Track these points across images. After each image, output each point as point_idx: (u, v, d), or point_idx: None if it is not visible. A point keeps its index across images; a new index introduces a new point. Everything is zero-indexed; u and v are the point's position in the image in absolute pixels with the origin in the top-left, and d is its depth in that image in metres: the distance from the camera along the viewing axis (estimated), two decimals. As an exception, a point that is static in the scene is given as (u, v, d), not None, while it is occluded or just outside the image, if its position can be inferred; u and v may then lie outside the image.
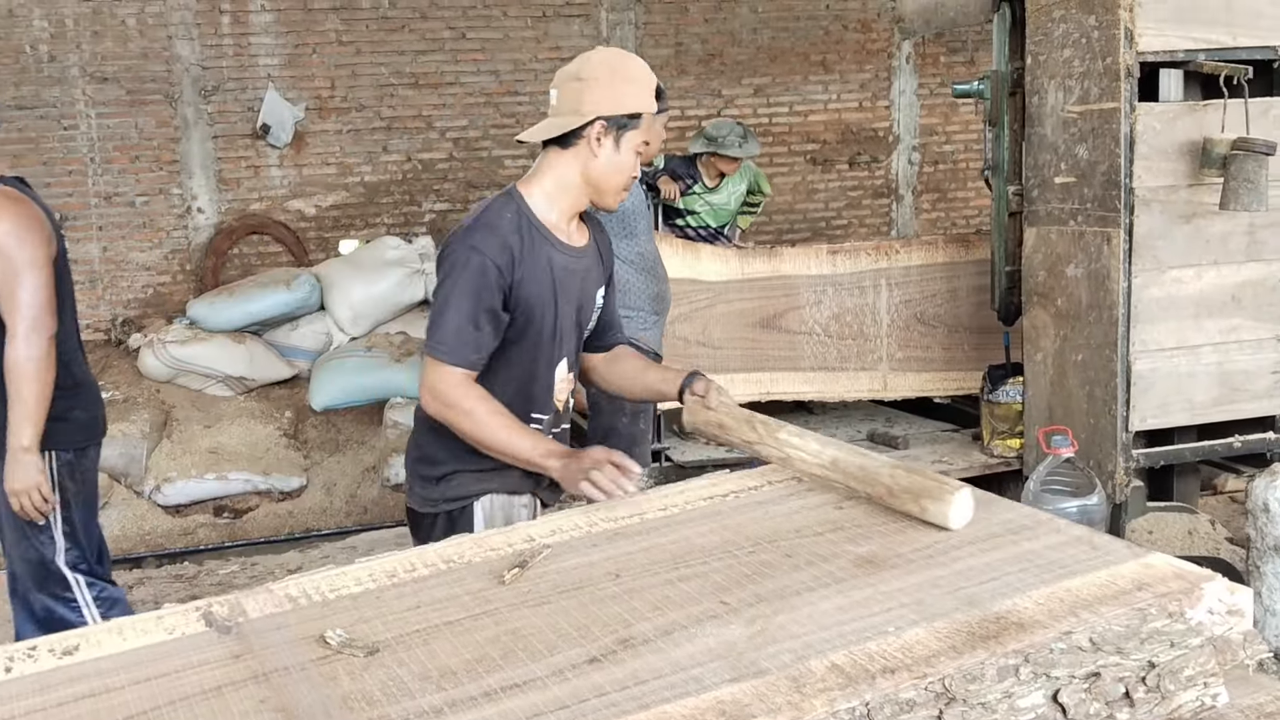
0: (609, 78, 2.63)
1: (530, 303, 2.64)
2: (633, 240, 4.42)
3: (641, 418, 4.44)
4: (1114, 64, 5.01)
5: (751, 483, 2.32)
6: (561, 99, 2.65)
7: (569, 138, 2.64)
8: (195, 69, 9.00)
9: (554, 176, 2.69)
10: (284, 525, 7.35)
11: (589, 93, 2.61)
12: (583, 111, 2.61)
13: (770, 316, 6.43)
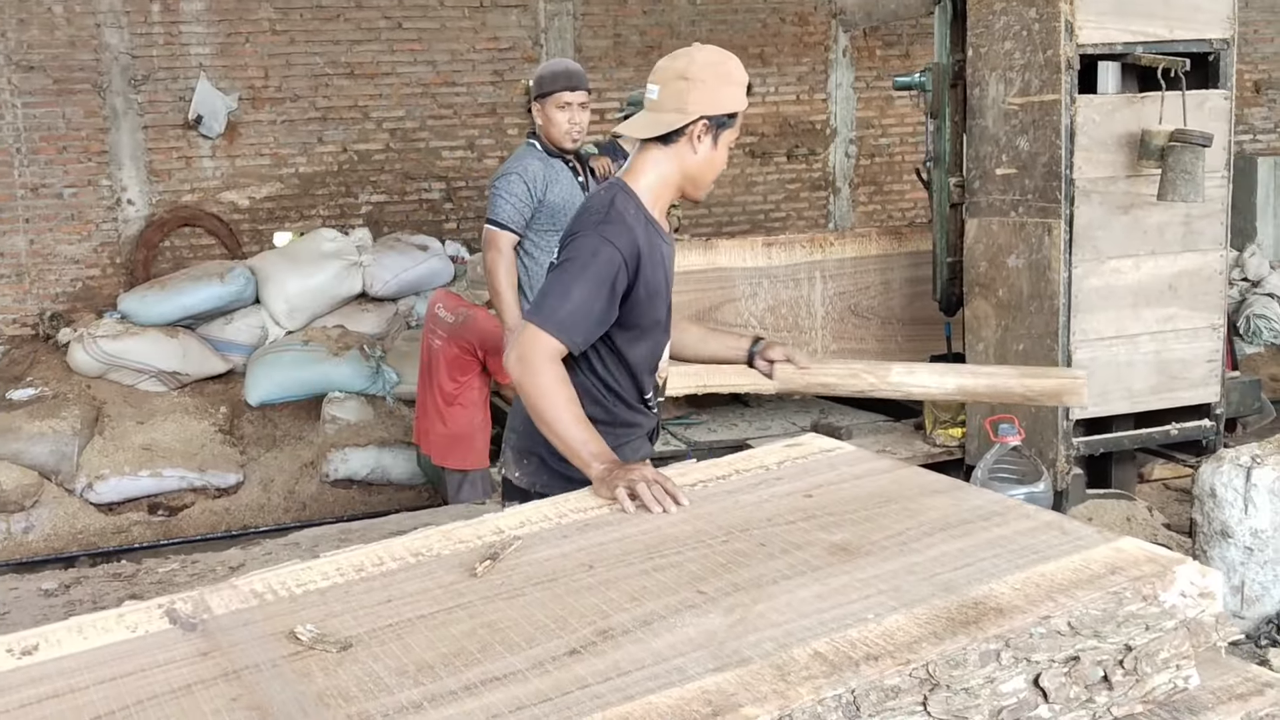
0: (713, 79, 2.73)
1: (651, 293, 2.75)
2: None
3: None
4: (1054, 56, 5.07)
5: (719, 472, 2.31)
6: (664, 96, 2.74)
7: (671, 135, 2.73)
8: (124, 58, 8.81)
9: (657, 172, 2.77)
10: (220, 522, 7.24)
11: (694, 92, 2.71)
12: (687, 111, 2.70)
13: (706, 309, 6.42)
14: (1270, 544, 3.43)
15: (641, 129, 2.78)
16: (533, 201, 4.30)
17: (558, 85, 4.38)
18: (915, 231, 6.91)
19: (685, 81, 2.72)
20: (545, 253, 4.37)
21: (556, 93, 4.37)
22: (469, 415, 5.79)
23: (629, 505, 2.21)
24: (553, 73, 4.42)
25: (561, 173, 4.39)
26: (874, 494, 2.16)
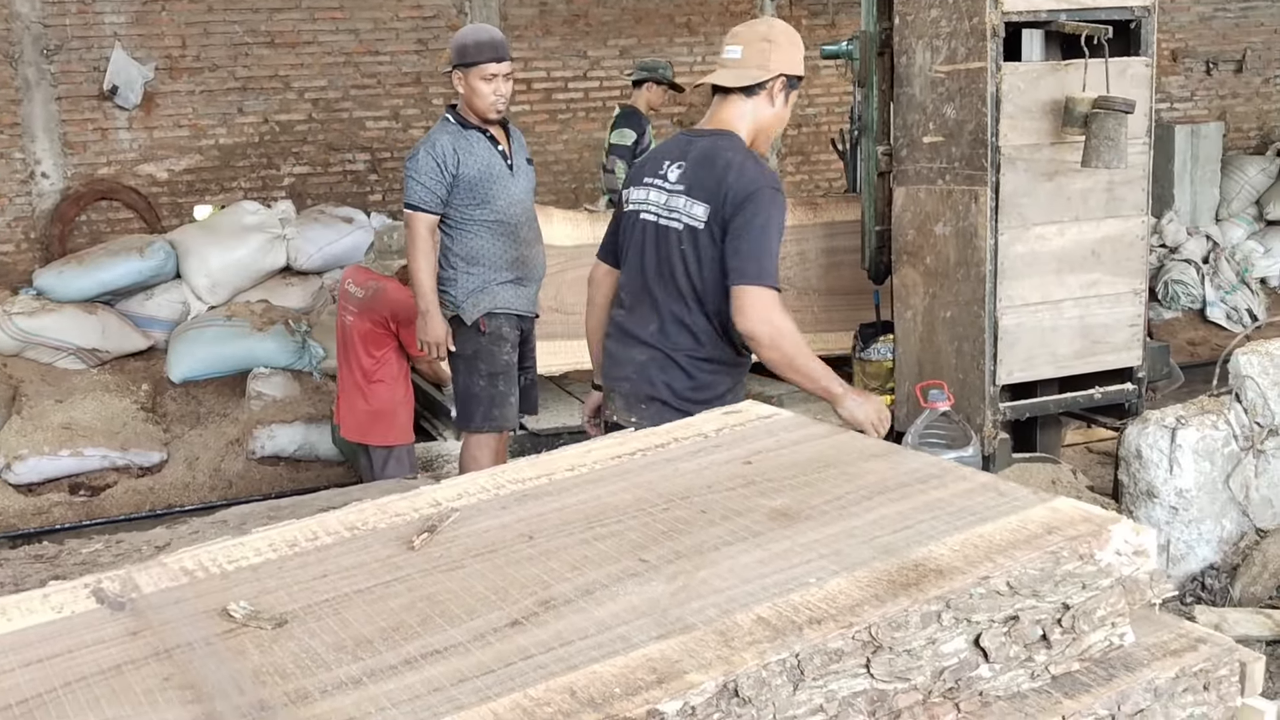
0: (789, 43, 3.22)
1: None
2: (486, 207, 4.33)
3: (500, 379, 4.39)
4: (980, 24, 5.10)
5: (658, 440, 2.30)
6: (748, 55, 3.12)
7: (754, 88, 3.14)
8: (36, 27, 8.55)
9: (750, 120, 3.17)
10: (145, 502, 7.10)
11: (776, 53, 3.14)
12: (770, 68, 3.13)
13: None
14: (1194, 503, 3.50)
15: (733, 79, 3.12)
16: (445, 178, 4.23)
17: (483, 55, 4.27)
18: (830, 202, 6.95)
19: (768, 43, 3.12)
20: (471, 226, 4.30)
21: (482, 63, 4.27)
22: (390, 390, 5.73)
23: (878, 433, 2.93)
24: (477, 42, 4.31)
25: (477, 144, 4.32)
26: (812, 459, 2.16)
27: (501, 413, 4.38)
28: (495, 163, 4.36)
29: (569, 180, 10.02)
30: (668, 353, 3.21)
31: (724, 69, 3.17)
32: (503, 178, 4.34)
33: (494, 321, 4.31)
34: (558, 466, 2.19)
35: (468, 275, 4.31)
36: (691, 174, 3.15)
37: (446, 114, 4.40)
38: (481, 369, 4.31)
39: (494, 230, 4.32)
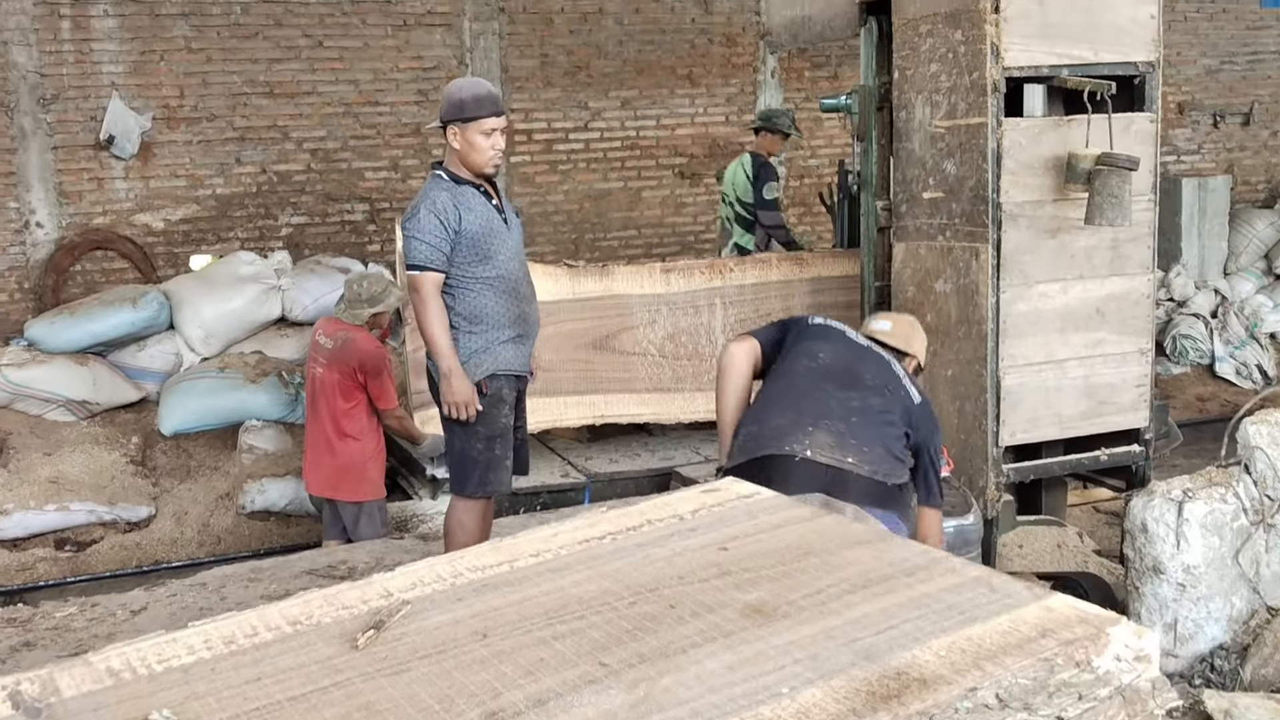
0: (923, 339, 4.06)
1: None
2: (487, 264, 4.18)
3: (498, 442, 4.21)
4: (981, 79, 5.00)
5: (630, 522, 2.17)
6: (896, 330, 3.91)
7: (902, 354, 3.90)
8: (33, 76, 8.51)
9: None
10: (131, 558, 6.96)
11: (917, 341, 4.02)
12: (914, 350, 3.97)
13: (603, 337, 6.27)
14: (1203, 580, 3.35)
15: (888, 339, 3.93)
16: (449, 235, 4.08)
17: (483, 110, 4.13)
18: (818, 257, 6.84)
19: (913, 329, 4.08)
20: (473, 285, 4.14)
21: (482, 118, 4.12)
22: (360, 445, 5.59)
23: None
24: (475, 97, 4.17)
25: (473, 199, 4.18)
26: (793, 546, 2.02)
27: (497, 477, 4.22)
28: (493, 217, 4.22)
29: (569, 230, 9.94)
30: None
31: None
32: (500, 232, 4.21)
33: (495, 383, 4.15)
34: (521, 552, 2.06)
35: (470, 335, 4.15)
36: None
37: (436, 171, 4.25)
38: (480, 432, 4.14)
39: (495, 287, 4.17)
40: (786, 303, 6.56)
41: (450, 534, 4.26)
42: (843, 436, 3.30)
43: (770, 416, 3.36)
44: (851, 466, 3.25)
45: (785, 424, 3.31)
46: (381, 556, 5.11)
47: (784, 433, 3.29)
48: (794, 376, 3.51)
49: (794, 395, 3.42)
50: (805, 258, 6.89)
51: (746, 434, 3.37)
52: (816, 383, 3.47)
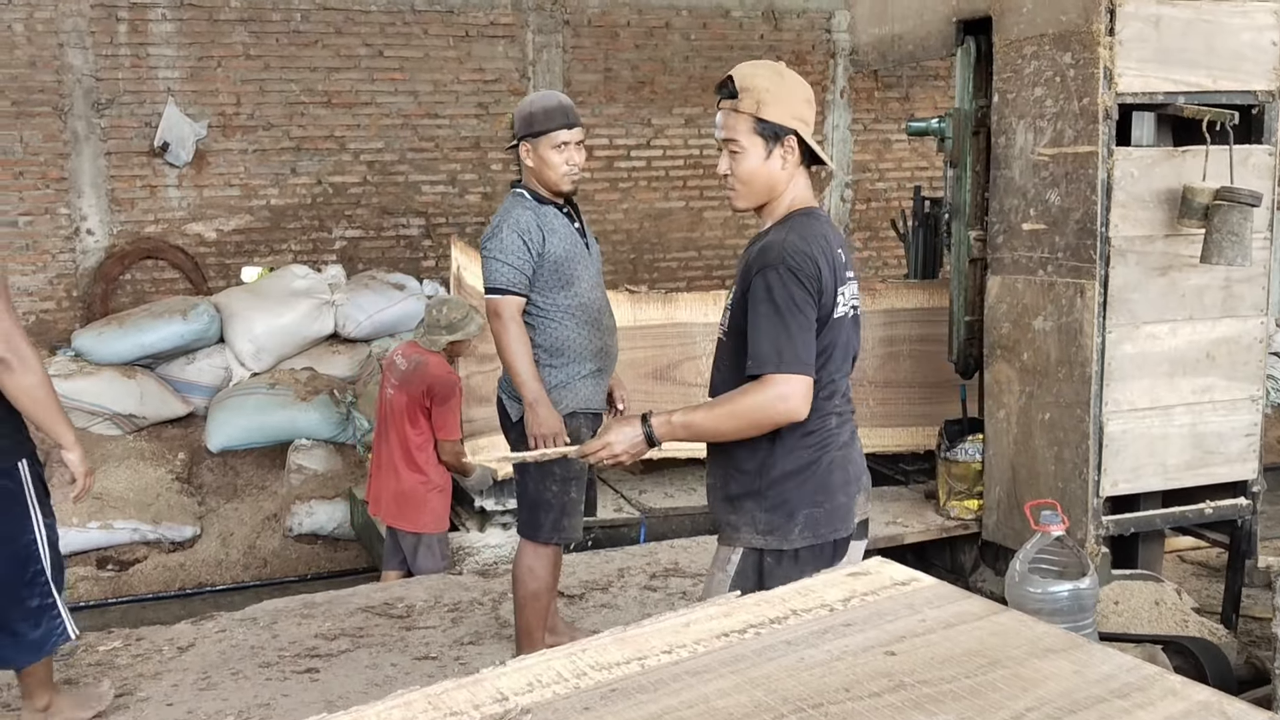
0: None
1: None
2: (569, 290, 3.88)
3: (574, 485, 3.90)
4: (1091, 104, 4.70)
5: (772, 612, 1.87)
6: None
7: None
8: (88, 80, 8.35)
9: None
10: (175, 579, 6.73)
11: None
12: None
13: (664, 367, 5.97)
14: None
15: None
16: (531, 257, 3.77)
17: (553, 123, 3.83)
18: (889, 288, 6.52)
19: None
20: (554, 314, 3.84)
21: (552, 131, 3.82)
22: (426, 477, 5.32)
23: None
24: (545, 109, 3.86)
25: (556, 220, 3.88)
26: (973, 652, 1.72)
27: (571, 523, 3.91)
28: (575, 240, 3.91)
29: (628, 250, 9.68)
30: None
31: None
32: (583, 257, 3.90)
33: (574, 422, 3.84)
34: (651, 648, 1.77)
35: (550, 369, 3.84)
36: (848, 255, 2.89)
37: (518, 190, 3.94)
38: (555, 474, 3.84)
39: (577, 317, 3.86)
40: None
41: (520, 581, 3.97)
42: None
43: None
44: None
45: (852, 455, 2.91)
46: (440, 594, 4.84)
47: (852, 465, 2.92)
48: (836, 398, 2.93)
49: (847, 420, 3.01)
50: (877, 287, 6.58)
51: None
52: (847, 384, 2.99)
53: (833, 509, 2.78)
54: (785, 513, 2.76)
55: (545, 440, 3.75)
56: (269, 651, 4.30)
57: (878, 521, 5.58)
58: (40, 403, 3.41)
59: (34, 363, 3.38)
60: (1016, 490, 5.14)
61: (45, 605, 3.57)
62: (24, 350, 3.35)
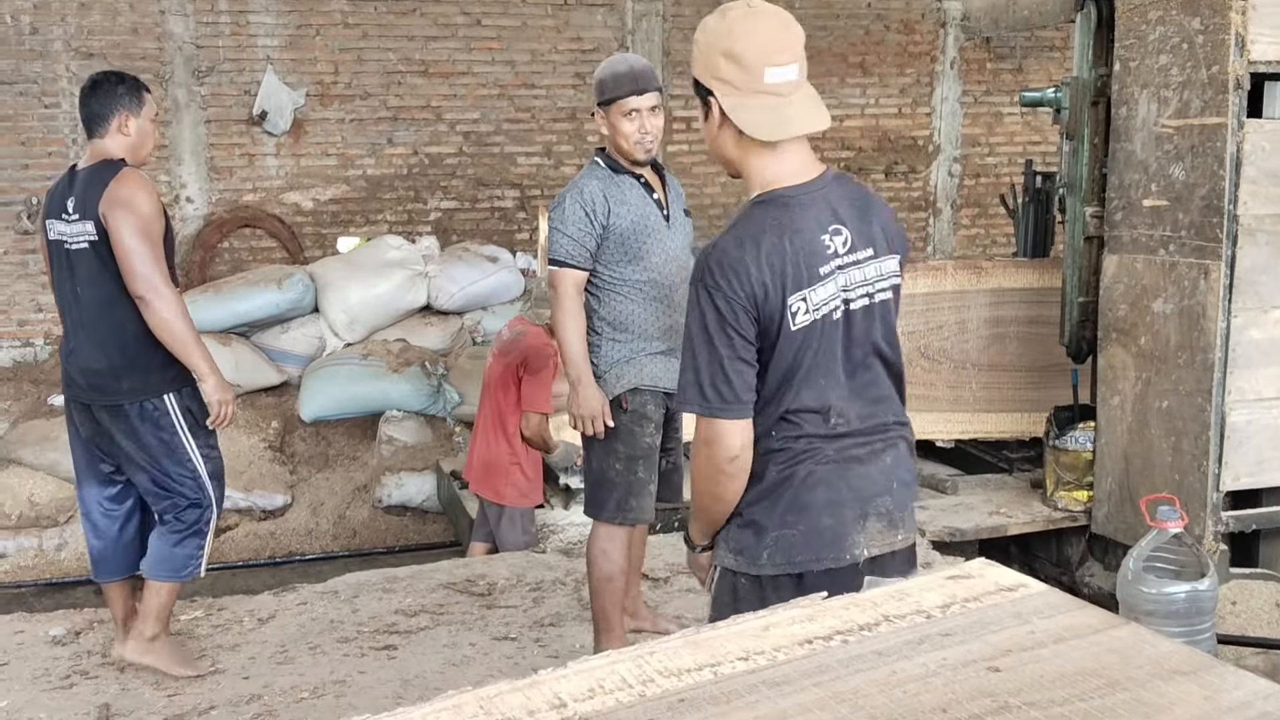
0: None
1: None
2: (638, 265, 3.71)
3: (640, 464, 3.74)
4: (1221, 73, 4.39)
5: (861, 618, 1.69)
6: (802, 69, 2.30)
7: None
8: (189, 47, 8.38)
9: None
10: (265, 547, 6.74)
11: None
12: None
13: None
14: None
15: (822, 116, 2.32)
16: (594, 229, 3.61)
17: (622, 90, 3.63)
18: (997, 267, 6.22)
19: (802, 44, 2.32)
20: (620, 287, 3.69)
21: (621, 98, 3.62)
22: (511, 447, 5.21)
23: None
24: (614, 75, 3.65)
25: (630, 191, 3.70)
26: (1088, 672, 1.53)
27: (639, 503, 3.76)
28: (650, 213, 3.74)
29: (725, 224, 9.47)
30: (905, 437, 2.44)
31: (804, 98, 2.28)
32: (658, 231, 3.73)
33: (638, 398, 3.70)
34: (726, 653, 1.61)
35: (613, 343, 3.72)
36: (862, 231, 2.33)
37: (595, 157, 3.80)
38: (619, 451, 3.70)
39: (645, 292, 3.70)
40: (961, 315, 5.98)
41: (593, 563, 3.82)
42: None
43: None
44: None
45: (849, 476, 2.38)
46: (523, 573, 4.74)
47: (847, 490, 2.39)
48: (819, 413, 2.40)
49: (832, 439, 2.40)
50: (984, 266, 6.29)
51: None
52: (845, 395, 2.37)
53: (811, 533, 2.30)
54: (753, 532, 2.33)
55: (585, 422, 3.63)
56: (348, 626, 4.23)
57: (980, 511, 5.35)
58: (176, 335, 3.65)
59: (170, 298, 3.63)
60: (1130, 482, 4.87)
61: (198, 532, 3.85)
62: (161, 289, 3.61)
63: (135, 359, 3.71)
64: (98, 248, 3.66)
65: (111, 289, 3.67)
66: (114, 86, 3.78)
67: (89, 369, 3.74)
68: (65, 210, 3.72)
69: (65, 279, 3.77)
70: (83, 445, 3.91)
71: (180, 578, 3.86)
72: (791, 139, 2.28)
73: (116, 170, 3.69)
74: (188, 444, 3.78)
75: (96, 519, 3.95)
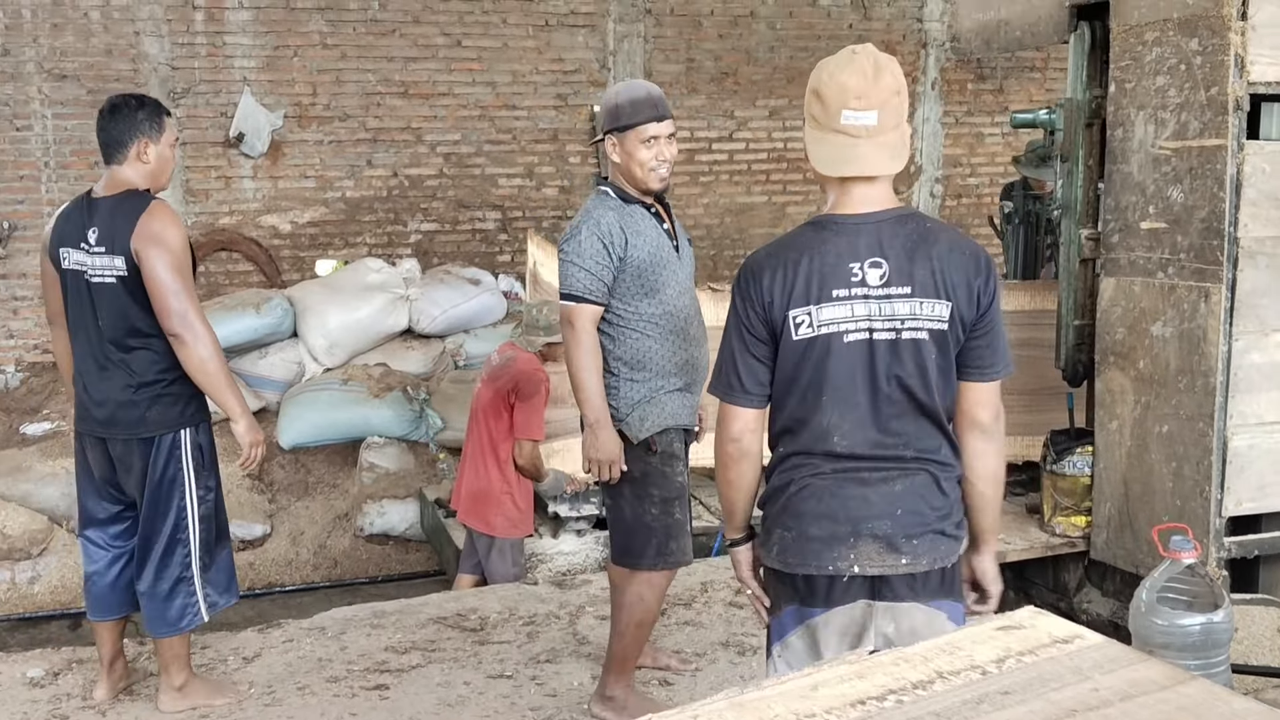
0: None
1: None
2: (654, 299, 3.57)
3: (676, 505, 3.61)
4: (1220, 94, 4.35)
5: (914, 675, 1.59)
6: (888, 117, 2.40)
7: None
8: (164, 69, 8.25)
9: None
10: (244, 578, 6.56)
11: (905, 102, 2.47)
12: (905, 125, 2.46)
13: None
14: None
15: (892, 163, 2.43)
16: (612, 262, 3.46)
17: (641, 116, 3.51)
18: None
19: (900, 95, 2.42)
20: (636, 323, 3.55)
21: (640, 124, 3.50)
22: (503, 475, 5.10)
23: None
24: (632, 100, 3.55)
25: (643, 221, 3.57)
26: (1161, 734, 1.44)
27: (679, 545, 3.62)
28: (663, 244, 3.59)
29: (708, 246, 9.40)
30: (933, 473, 2.49)
31: (879, 144, 2.39)
32: (671, 262, 3.59)
33: (665, 437, 3.56)
34: (774, 716, 1.51)
35: (631, 383, 3.56)
36: (903, 269, 2.42)
37: (602, 188, 3.65)
38: (654, 495, 3.55)
39: (661, 326, 3.55)
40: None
41: (625, 608, 3.64)
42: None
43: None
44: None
45: (844, 494, 2.51)
46: (515, 606, 4.62)
47: (839, 508, 2.52)
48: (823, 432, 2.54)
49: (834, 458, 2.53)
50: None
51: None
52: (856, 419, 2.49)
53: (800, 539, 2.48)
54: (766, 527, 2.58)
55: (601, 467, 3.51)
56: (337, 664, 4.10)
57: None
58: (211, 376, 3.60)
59: (206, 338, 3.57)
60: (1129, 508, 4.80)
61: (183, 578, 3.70)
62: (197, 326, 3.55)
63: (160, 394, 3.63)
64: (127, 283, 3.55)
65: (139, 323, 3.59)
66: (133, 112, 3.65)
67: (109, 401, 3.65)
68: (85, 240, 3.60)
69: (85, 311, 3.65)
70: (91, 481, 3.80)
71: (181, 630, 3.75)
72: (865, 183, 2.42)
73: (144, 202, 3.59)
74: (188, 481, 3.68)
75: (98, 556, 3.83)
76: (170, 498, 3.67)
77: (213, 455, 3.80)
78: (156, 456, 3.64)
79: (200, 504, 3.72)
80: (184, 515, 3.69)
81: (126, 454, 3.67)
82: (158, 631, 3.74)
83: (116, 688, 3.92)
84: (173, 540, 3.69)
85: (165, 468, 3.65)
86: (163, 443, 3.64)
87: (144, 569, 3.71)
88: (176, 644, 3.76)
